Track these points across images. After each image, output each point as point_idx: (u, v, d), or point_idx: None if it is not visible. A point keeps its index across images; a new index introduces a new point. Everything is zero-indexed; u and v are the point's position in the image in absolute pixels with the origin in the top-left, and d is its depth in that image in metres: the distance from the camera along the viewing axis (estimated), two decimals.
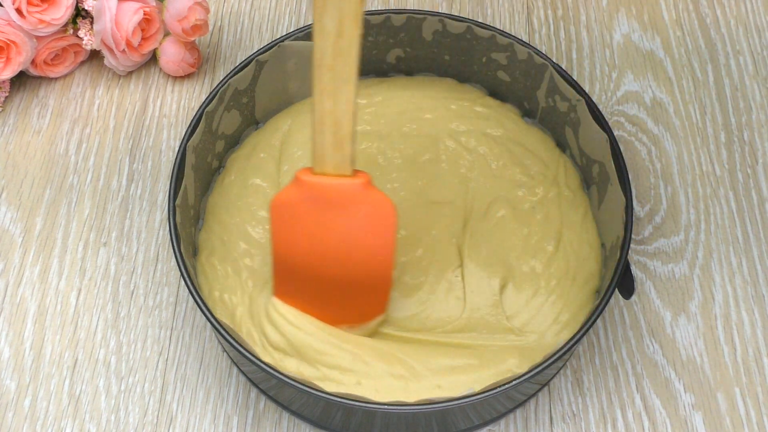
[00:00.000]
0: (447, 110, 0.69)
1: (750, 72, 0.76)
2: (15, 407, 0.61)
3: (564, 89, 0.64)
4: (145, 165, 0.71)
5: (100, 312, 0.65)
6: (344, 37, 0.49)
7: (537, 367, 0.53)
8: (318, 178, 0.53)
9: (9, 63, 0.70)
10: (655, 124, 0.73)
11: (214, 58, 0.77)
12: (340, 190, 0.53)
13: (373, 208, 0.54)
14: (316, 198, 0.54)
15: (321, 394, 0.52)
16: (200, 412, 0.61)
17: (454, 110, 0.69)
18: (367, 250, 0.56)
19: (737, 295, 0.65)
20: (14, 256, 0.67)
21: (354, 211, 0.54)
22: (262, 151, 0.67)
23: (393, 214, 0.54)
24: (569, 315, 0.60)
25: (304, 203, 0.54)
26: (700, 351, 0.63)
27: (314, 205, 0.54)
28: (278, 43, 0.66)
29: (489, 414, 0.59)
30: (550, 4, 0.80)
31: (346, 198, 0.54)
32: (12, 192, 0.70)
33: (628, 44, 0.78)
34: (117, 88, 0.75)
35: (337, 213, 0.54)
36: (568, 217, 0.64)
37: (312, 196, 0.54)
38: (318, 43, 0.49)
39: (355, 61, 0.49)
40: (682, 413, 0.61)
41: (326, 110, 0.51)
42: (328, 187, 0.53)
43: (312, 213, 0.54)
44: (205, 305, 0.55)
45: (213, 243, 0.63)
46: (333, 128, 0.51)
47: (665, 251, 0.67)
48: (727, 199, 0.70)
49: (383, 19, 0.67)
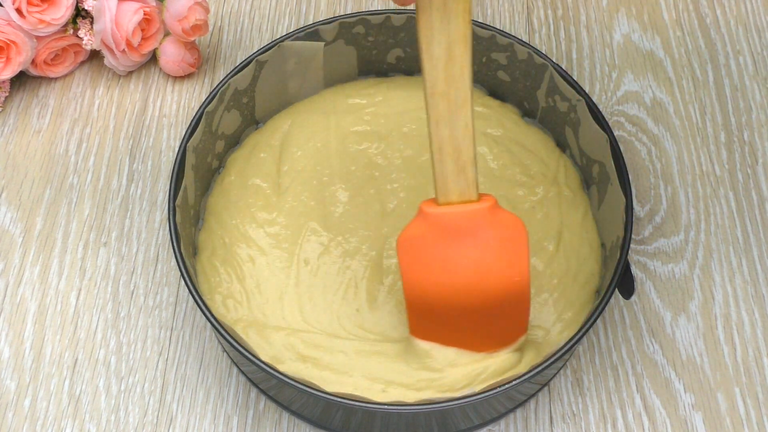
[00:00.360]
0: None
1: (750, 72, 0.76)
2: (15, 407, 0.61)
3: (564, 89, 0.64)
4: (145, 165, 0.71)
5: (100, 312, 0.65)
6: (455, 62, 0.48)
7: (537, 367, 0.53)
8: (444, 209, 0.52)
9: (9, 63, 0.70)
10: (655, 124, 0.73)
11: (214, 58, 0.77)
12: (468, 217, 0.52)
13: (503, 230, 0.53)
14: (444, 229, 0.52)
15: (321, 394, 0.52)
16: (200, 412, 0.61)
17: None
18: (503, 273, 0.54)
19: (737, 295, 0.65)
20: (14, 256, 0.67)
21: (484, 235, 0.53)
22: (262, 151, 0.67)
23: (524, 233, 0.53)
24: (572, 313, 0.60)
25: (431, 236, 0.53)
26: (700, 351, 0.63)
27: (443, 237, 0.53)
28: (278, 43, 0.66)
29: (489, 414, 0.59)
30: (550, 4, 0.80)
31: (475, 224, 0.52)
32: (12, 192, 0.70)
33: (628, 44, 0.78)
34: (117, 88, 0.75)
35: (467, 241, 0.53)
36: (568, 216, 0.64)
37: (440, 227, 0.52)
38: (428, 70, 0.48)
39: (468, 84, 0.49)
40: (682, 413, 0.61)
41: (444, 138, 0.50)
42: (456, 216, 0.52)
43: (441, 244, 0.53)
44: (205, 305, 0.55)
45: (214, 244, 0.63)
46: (453, 155, 0.50)
47: (665, 251, 0.67)
48: (727, 199, 0.70)
49: (383, 19, 0.67)
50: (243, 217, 0.63)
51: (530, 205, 0.64)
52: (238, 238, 0.63)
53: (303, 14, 0.80)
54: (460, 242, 0.53)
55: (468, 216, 0.52)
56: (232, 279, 0.61)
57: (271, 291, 0.61)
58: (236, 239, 0.62)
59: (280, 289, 0.61)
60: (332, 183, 0.65)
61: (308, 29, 0.66)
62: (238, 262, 0.62)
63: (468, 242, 0.53)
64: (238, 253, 0.62)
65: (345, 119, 0.68)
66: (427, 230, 0.53)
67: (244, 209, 0.64)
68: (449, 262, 0.53)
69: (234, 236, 0.63)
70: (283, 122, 0.68)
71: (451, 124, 0.50)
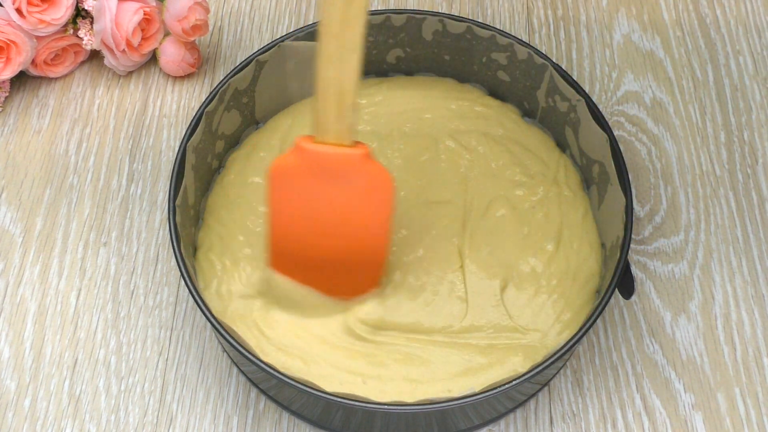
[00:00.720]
0: (447, 110, 0.69)
1: (750, 72, 0.76)
2: (15, 407, 0.61)
3: (564, 89, 0.64)
4: (145, 165, 0.71)
5: (100, 312, 0.65)
6: (353, 6, 0.49)
7: (537, 367, 0.53)
8: (319, 147, 0.53)
9: (9, 63, 0.70)
10: (655, 124, 0.73)
11: (214, 58, 0.77)
12: (340, 159, 0.53)
13: (371, 180, 0.54)
14: (315, 166, 0.54)
15: (321, 394, 0.52)
16: (200, 412, 0.61)
17: (454, 110, 0.69)
18: (364, 222, 0.56)
19: (737, 295, 0.65)
20: (14, 256, 0.67)
21: (352, 181, 0.54)
22: (262, 150, 0.67)
23: (391, 187, 0.55)
24: (571, 314, 0.60)
25: (302, 171, 0.54)
26: (700, 351, 0.63)
27: (313, 174, 0.54)
28: (278, 43, 0.66)
29: (489, 414, 0.59)
30: (550, 4, 0.80)
31: (345, 168, 0.54)
32: (12, 192, 0.70)
33: (628, 44, 0.78)
34: (117, 88, 0.75)
35: (335, 183, 0.54)
36: (568, 216, 0.64)
37: (311, 164, 0.54)
38: (326, 10, 0.49)
39: (361, 30, 0.50)
40: (682, 413, 0.61)
41: (331, 79, 0.51)
42: (328, 156, 0.53)
43: (310, 181, 0.54)
44: (205, 305, 0.55)
45: (211, 240, 0.63)
46: (336, 97, 0.51)
47: (665, 251, 0.67)
48: (727, 199, 0.70)
49: (383, 19, 0.67)
50: (242, 213, 0.63)
51: (530, 204, 0.64)
52: (235, 231, 0.63)
53: (303, 14, 0.80)
54: (327, 182, 0.54)
55: (340, 158, 0.53)
56: (226, 267, 0.61)
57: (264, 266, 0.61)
58: (234, 232, 0.63)
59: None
60: None
61: (308, 29, 0.66)
62: (234, 251, 0.61)
63: (335, 183, 0.54)
64: (235, 243, 0.62)
65: None
66: (300, 164, 0.54)
67: (243, 206, 0.64)
68: (315, 198, 0.55)
69: (232, 230, 0.63)
70: (283, 122, 0.68)
71: (340, 66, 0.51)
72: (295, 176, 0.55)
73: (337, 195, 0.55)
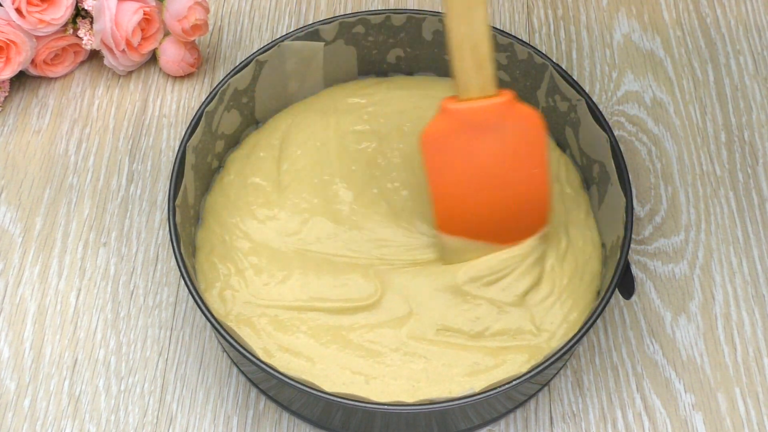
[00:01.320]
0: None
1: (750, 72, 0.76)
2: (15, 407, 0.61)
3: (564, 89, 0.64)
4: (144, 165, 0.71)
5: (99, 312, 0.65)
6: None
7: (537, 367, 0.53)
8: (466, 104, 0.55)
9: (9, 63, 0.70)
10: (655, 124, 0.73)
11: (214, 58, 0.77)
12: (489, 111, 0.55)
13: (523, 122, 0.56)
14: (466, 124, 0.55)
15: (321, 394, 0.52)
16: (200, 412, 0.61)
17: None
18: (523, 165, 0.57)
19: (737, 295, 0.65)
20: (14, 256, 0.67)
21: (505, 128, 0.55)
22: (262, 150, 0.67)
23: (542, 125, 0.56)
24: (577, 314, 0.60)
25: (455, 132, 0.55)
26: (701, 351, 0.63)
27: (466, 132, 0.55)
28: (278, 43, 0.66)
29: (489, 414, 0.59)
30: (550, 4, 0.80)
31: (496, 118, 0.55)
32: (12, 192, 0.70)
33: (628, 44, 0.78)
34: (117, 88, 0.75)
35: (489, 134, 0.55)
36: (571, 214, 0.64)
37: (462, 123, 0.55)
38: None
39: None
40: (682, 413, 0.61)
41: (463, 35, 0.52)
42: (477, 111, 0.55)
43: (465, 140, 0.56)
44: (205, 306, 0.55)
45: (212, 242, 0.62)
46: (472, 51, 0.53)
47: (665, 251, 0.67)
48: (727, 199, 0.69)
49: (383, 19, 0.67)
50: (243, 215, 0.63)
51: None
52: (237, 235, 0.62)
53: (303, 14, 0.80)
54: (482, 135, 0.55)
55: (489, 110, 0.55)
56: (230, 272, 0.61)
57: (271, 277, 0.61)
58: (236, 236, 0.62)
59: (282, 273, 0.61)
60: (333, 182, 0.65)
61: (308, 29, 0.66)
62: (238, 257, 0.61)
63: (489, 135, 0.55)
64: (239, 247, 0.62)
65: (345, 119, 0.68)
66: (450, 126, 0.55)
67: (243, 207, 0.64)
68: (472, 155, 0.56)
69: (234, 233, 0.63)
70: (282, 122, 0.68)
71: (469, 20, 0.52)
72: (448, 139, 0.56)
73: (493, 146, 0.56)
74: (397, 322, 0.59)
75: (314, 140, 0.67)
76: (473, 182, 0.57)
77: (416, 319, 0.59)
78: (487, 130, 0.55)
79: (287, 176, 0.65)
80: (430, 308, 0.59)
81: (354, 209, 0.64)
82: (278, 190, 0.64)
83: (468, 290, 0.59)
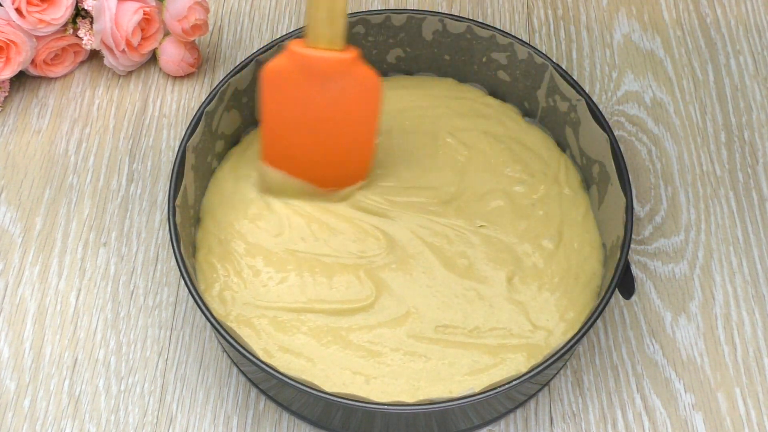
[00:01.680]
0: (447, 108, 0.69)
1: (750, 72, 0.76)
2: (15, 407, 0.61)
3: (564, 89, 0.64)
4: (144, 165, 0.71)
5: (99, 312, 0.65)
6: None
7: (537, 367, 0.53)
8: (310, 50, 0.57)
9: (9, 63, 0.70)
10: (655, 124, 0.73)
11: (214, 58, 0.77)
12: (330, 62, 0.57)
13: (361, 82, 0.58)
14: (306, 69, 0.58)
15: (320, 394, 0.52)
16: (200, 412, 0.61)
17: (454, 108, 0.69)
18: (353, 121, 0.60)
19: (737, 295, 0.65)
20: (14, 256, 0.67)
21: (343, 83, 0.58)
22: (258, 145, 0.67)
23: (378, 89, 0.59)
24: (574, 313, 0.60)
25: (294, 73, 0.58)
26: (701, 351, 0.63)
27: (304, 76, 0.58)
28: (278, 43, 0.66)
29: (489, 414, 0.59)
30: (550, 4, 0.80)
31: (335, 71, 0.58)
32: (12, 192, 0.70)
33: (628, 44, 0.78)
34: (117, 88, 0.75)
35: (326, 85, 0.58)
36: (568, 215, 0.64)
37: (303, 66, 0.58)
38: None
39: None
40: (682, 413, 0.61)
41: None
42: (318, 60, 0.57)
43: (302, 83, 0.58)
44: (205, 306, 0.55)
45: (210, 242, 0.63)
46: (327, 4, 0.55)
47: (665, 251, 0.67)
48: (727, 199, 0.69)
49: (383, 19, 0.67)
50: (237, 214, 0.63)
51: (530, 202, 0.64)
52: (232, 234, 0.63)
53: (303, 14, 0.80)
54: (318, 83, 0.58)
55: (330, 62, 0.57)
56: (229, 273, 0.61)
57: (270, 278, 0.61)
58: (231, 235, 0.62)
59: (280, 275, 0.61)
60: None
61: None
62: (235, 257, 0.61)
63: (326, 85, 0.58)
64: (235, 248, 0.62)
65: None
66: (292, 67, 0.58)
67: (238, 205, 0.64)
68: (306, 99, 0.59)
69: (229, 233, 0.63)
70: None
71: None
72: (287, 78, 0.58)
73: (327, 96, 0.59)
74: (395, 322, 0.59)
75: None
76: (302, 124, 0.60)
77: (415, 318, 0.59)
78: (325, 80, 0.58)
79: None
80: (428, 305, 0.60)
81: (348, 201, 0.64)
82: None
83: None
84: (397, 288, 0.60)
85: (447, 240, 0.62)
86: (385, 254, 0.62)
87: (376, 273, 0.61)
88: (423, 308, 0.60)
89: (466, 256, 0.62)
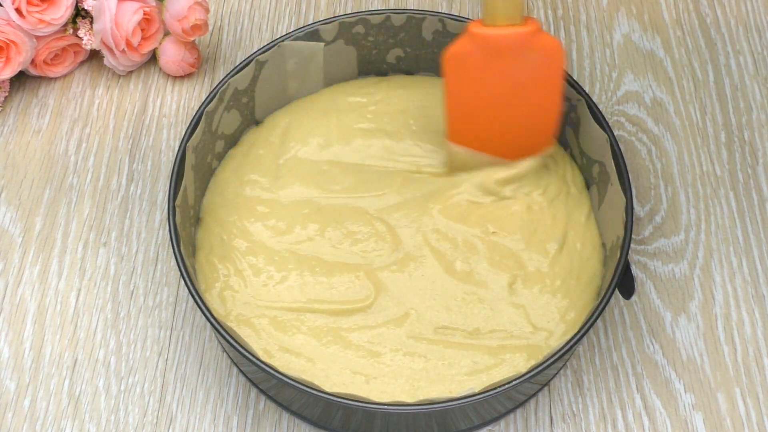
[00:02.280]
0: None
1: (750, 72, 0.76)
2: (15, 407, 0.61)
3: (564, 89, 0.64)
4: (144, 165, 0.71)
5: (99, 312, 0.65)
6: None
7: (537, 367, 0.53)
8: (491, 30, 0.57)
9: (9, 63, 0.70)
10: (655, 124, 0.73)
11: (214, 58, 0.77)
12: (513, 38, 0.57)
13: (544, 52, 0.58)
14: (489, 49, 0.57)
15: (320, 394, 0.52)
16: (200, 412, 0.61)
17: None
18: (538, 89, 0.60)
19: (737, 295, 0.65)
20: (14, 256, 0.67)
21: (527, 57, 0.58)
22: (261, 148, 0.67)
23: (562, 54, 0.58)
24: (575, 313, 0.60)
25: (477, 55, 0.58)
26: (701, 351, 0.63)
27: (488, 56, 0.58)
28: (278, 43, 0.66)
29: (489, 414, 0.59)
30: (550, 4, 0.80)
31: (519, 46, 0.57)
32: (12, 192, 0.70)
33: (628, 44, 0.78)
34: (117, 88, 0.75)
35: (509, 61, 0.58)
36: (573, 216, 0.64)
37: (485, 47, 0.57)
38: None
39: None
40: (682, 413, 0.61)
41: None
42: (501, 38, 0.57)
43: (486, 63, 0.58)
44: (205, 306, 0.55)
45: (211, 242, 0.63)
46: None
47: (665, 251, 0.67)
48: (727, 199, 0.69)
49: (383, 18, 0.67)
50: (240, 214, 0.63)
51: (539, 207, 0.64)
52: (235, 234, 0.63)
53: (303, 14, 0.80)
54: (502, 61, 0.58)
55: (512, 38, 0.57)
56: (230, 273, 0.61)
57: (270, 278, 0.61)
58: (234, 235, 0.62)
59: (280, 274, 0.61)
60: (332, 177, 0.65)
61: (308, 29, 0.66)
62: (236, 256, 0.61)
63: (510, 62, 0.58)
64: (236, 247, 0.62)
65: (346, 117, 0.68)
66: (473, 48, 0.58)
67: (241, 206, 0.64)
68: (490, 77, 0.59)
69: (232, 233, 0.63)
70: (281, 119, 0.68)
71: None
72: (470, 60, 0.58)
73: (512, 72, 0.58)
74: (395, 323, 0.59)
75: (314, 137, 0.67)
76: (487, 101, 0.60)
77: (414, 318, 0.59)
78: (508, 56, 0.57)
79: (285, 170, 0.65)
80: (427, 306, 0.60)
81: (347, 202, 0.64)
82: (276, 186, 0.65)
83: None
84: (396, 289, 0.60)
85: (453, 245, 0.62)
86: (387, 255, 0.62)
87: (375, 274, 0.61)
88: (422, 309, 0.60)
89: (469, 262, 0.61)
